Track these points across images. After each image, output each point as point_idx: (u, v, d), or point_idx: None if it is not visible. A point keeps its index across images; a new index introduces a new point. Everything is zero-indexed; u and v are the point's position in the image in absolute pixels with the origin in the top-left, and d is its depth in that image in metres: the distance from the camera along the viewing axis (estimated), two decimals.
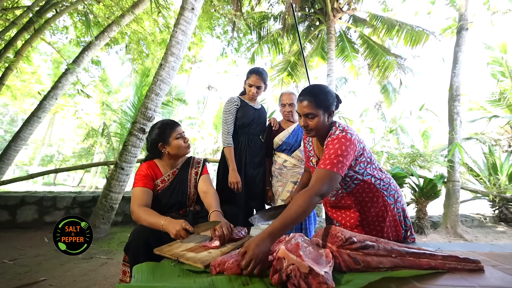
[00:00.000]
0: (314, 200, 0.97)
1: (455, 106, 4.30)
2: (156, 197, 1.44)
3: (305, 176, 1.52)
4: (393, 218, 1.24)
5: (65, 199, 3.50)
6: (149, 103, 3.00)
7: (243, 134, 2.01)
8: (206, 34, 7.77)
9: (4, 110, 22.18)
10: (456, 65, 4.37)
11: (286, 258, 0.77)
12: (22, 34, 4.61)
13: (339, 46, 7.23)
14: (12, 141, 4.98)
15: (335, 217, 1.35)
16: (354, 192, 1.23)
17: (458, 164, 4.19)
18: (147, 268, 0.92)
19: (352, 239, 0.91)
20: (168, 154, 1.49)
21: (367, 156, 1.21)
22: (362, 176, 1.20)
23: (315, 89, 1.17)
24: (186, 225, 1.16)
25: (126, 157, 3.02)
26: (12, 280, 1.96)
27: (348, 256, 0.88)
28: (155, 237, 1.21)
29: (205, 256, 1.01)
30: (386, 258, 0.88)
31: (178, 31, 3.02)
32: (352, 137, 1.11)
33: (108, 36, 4.88)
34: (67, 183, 21.89)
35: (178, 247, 1.11)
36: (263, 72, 1.98)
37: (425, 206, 4.03)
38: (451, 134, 4.27)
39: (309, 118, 1.15)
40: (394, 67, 6.45)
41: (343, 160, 1.05)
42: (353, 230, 1.24)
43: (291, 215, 0.93)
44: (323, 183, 1.00)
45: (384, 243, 0.92)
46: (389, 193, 1.25)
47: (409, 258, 0.88)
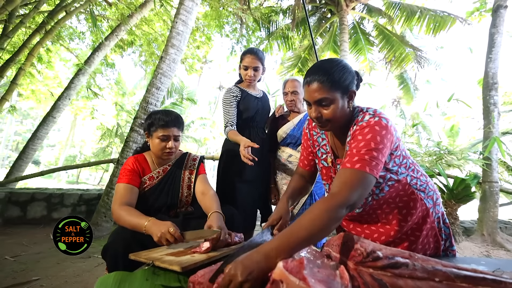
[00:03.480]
0: (339, 214, 0.69)
1: (491, 96, 3.76)
2: (142, 196, 1.26)
3: (296, 180, 1.13)
4: (431, 226, 0.95)
5: (72, 196, 3.49)
6: (150, 98, 2.88)
7: (247, 128, 1.77)
8: (215, 33, 7.69)
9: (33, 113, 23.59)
10: (493, 49, 3.83)
11: (284, 281, 0.54)
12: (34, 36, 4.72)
13: (353, 39, 6.82)
14: (30, 140, 5.15)
15: (358, 232, 1.02)
16: (387, 197, 0.92)
17: (496, 163, 3.68)
18: (114, 280, 0.74)
19: (376, 253, 0.66)
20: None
21: (402, 149, 0.92)
22: (397, 175, 0.90)
23: (325, 64, 0.85)
24: (174, 229, 0.96)
25: (128, 153, 2.92)
26: (6, 278, 1.89)
27: (371, 277, 0.64)
28: (136, 241, 1.04)
29: (185, 259, 0.82)
30: (426, 282, 0.62)
31: (178, 22, 2.87)
32: (388, 123, 0.82)
33: (116, 36, 4.88)
34: (89, 181, 22.83)
35: (159, 252, 0.92)
36: (258, 52, 1.72)
37: (456, 209, 3.60)
38: (487, 128, 3.76)
39: (322, 106, 0.84)
40: (412, 59, 5.96)
41: (378, 156, 0.77)
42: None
43: (300, 235, 0.64)
44: (352, 189, 0.72)
45: (422, 260, 0.66)
46: (427, 195, 0.96)
47: (461, 285, 0.61)
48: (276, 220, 0.95)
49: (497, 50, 3.82)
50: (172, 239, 0.96)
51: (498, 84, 3.77)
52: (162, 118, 1.26)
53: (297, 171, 1.18)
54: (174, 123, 1.27)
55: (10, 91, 4.75)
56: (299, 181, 1.13)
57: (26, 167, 5.23)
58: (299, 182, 1.12)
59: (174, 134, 1.26)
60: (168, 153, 1.27)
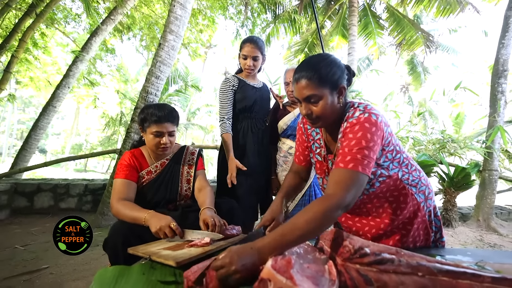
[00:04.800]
0: (334, 215, 0.73)
1: (500, 83, 3.64)
2: (141, 191, 1.28)
3: (290, 179, 1.13)
4: (422, 220, 0.97)
5: (77, 187, 3.56)
6: (150, 87, 2.84)
7: (245, 119, 1.76)
8: (219, 15, 7.43)
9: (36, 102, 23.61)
10: (506, 34, 3.64)
11: (271, 280, 0.57)
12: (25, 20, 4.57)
13: (362, 22, 6.56)
14: (32, 130, 5.17)
15: (349, 225, 1.04)
16: (378, 192, 0.94)
17: (498, 151, 3.65)
18: (112, 274, 0.77)
19: (363, 250, 0.69)
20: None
21: (395, 144, 0.92)
22: (388, 170, 0.91)
23: (313, 60, 0.86)
24: (175, 224, 1.00)
25: (130, 144, 2.93)
26: (17, 266, 1.99)
27: (357, 272, 0.67)
28: (135, 235, 1.07)
29: (181, 254, 0.85)
30: (409, 277, 0.65)
31: (176, 5, 2.76)
32: (378, 119, 0.82)
33: (113, 20, 4.73)
34: (97, 169, 23.14)
35: (157, 246, 0.95)
36: (258, 40, 1.68)
37: (455, 197, 3.63)
38: (493, 117, 3.68)
39: (311, 103, 0.85)
40: (422, 43, 5.77)
41: (369, 154, 0.78)
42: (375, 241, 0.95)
43: (294, 234, 0.68)
44: (347, 190, 0.74)
45: (408, 256, 0.68)
46: (419, 189, 0.97)
47: (442, 279, 0.63)
48: (269, 221, 0.97)
49: (511, 35, 3.64)
50: (171, 234, 0.99)
51: (508, 71, 3.64)
52: (154, 113, 1.22)
53: (292, 168, 1.18)
54: (168, 118, 1.24)
55: (5, 80, 4.67)
56: (294, 179, 1.14)
57: (30, 157, 5.28)
58: (293, 180, 1.13)
59: (168, 130, 1.24)
60: (163, 149, 1.27)
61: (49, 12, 4.71)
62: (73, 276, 1.84)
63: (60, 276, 1.84)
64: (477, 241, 3.18)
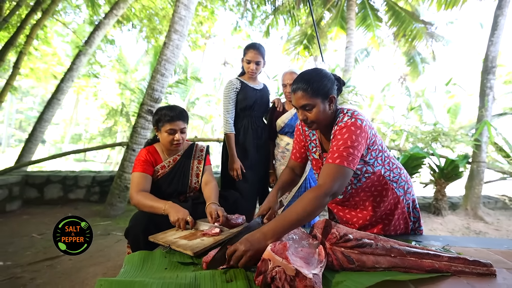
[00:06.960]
0: (324, 201, 0.87)
1: (488, 79, 3.80)
2: (156, 184, 1.44)
3: (286, 174, 1.29)
4: (401, 211, 1.14)
5: (85, 178, 3.71)
6: (155, 84, 2.95)
7: (246, 117, 1.93)
8: (219, 6, 7.39)
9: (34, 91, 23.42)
10: (495, 32, 3.78)
11: (271, 260, 0.73)
12: (31, 16, 4.61)
13: (361, 15, 6.57)
14: (37, 123, 5.28)
15: (341, 215, 1.22)
16: (364, 187, 1.10)
17: (485, 144, 3.83)
18: (139, 258, 0.93)
19: (347, 236, 0.85)
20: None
21: (379, 144, 1.08)
22: (373, 167, 1.07)
23: (307, 75, 1.02)
24: (191, 218, 1.17)
25: (136, 139, 3.07)
26: (38, 253, 2.17)
27: (342, 254, 0.83)
28: (154, 224, 1.22)
29: (196, 244, 1.00)
30: (384, 257, 0.81)
31: (180, 6, 2.85)
32: (363, 123, 0.98)
33: (116, 14, 4.76)
34: (96, 159, 23.28)
35: (173, 234, 1.11)
36: (260, 47, 1.86)
37: (444, 187, 3.82)
38: (481, 111, 3.85)
39: (307, 110, 1.02)
40: (423, 35, 5.79)
41: (354, 152, 0.93)
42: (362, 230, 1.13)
43: (292, 218, 0.83)
44: (334, 180, 0.89)
45: (383, 241, 0.85)
46: (399, 185, 1.13)
47: (410, 259, 0.80)
48: (266, 210, 1.13)
49: (499, 33, 3.76)
50: (184, 227, 1.16)
51: (497, 67, 3.77)
52: (167, 114, 1.39)
53: (288, 164, 1.33)
54: (179, 117, 1.41)
55: (14, 76, 4.77)
56: (289, 174, 1.29)
57: (35, 149, 5.43)
58: (289, 175, 1.29)
59: (180, 127, 1.41)
60: (176, 145, 1.43)
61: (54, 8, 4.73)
62: (90, 262, 2.03)
63: (78, 262, 2.02)
64: (464, 229, 3.38)
